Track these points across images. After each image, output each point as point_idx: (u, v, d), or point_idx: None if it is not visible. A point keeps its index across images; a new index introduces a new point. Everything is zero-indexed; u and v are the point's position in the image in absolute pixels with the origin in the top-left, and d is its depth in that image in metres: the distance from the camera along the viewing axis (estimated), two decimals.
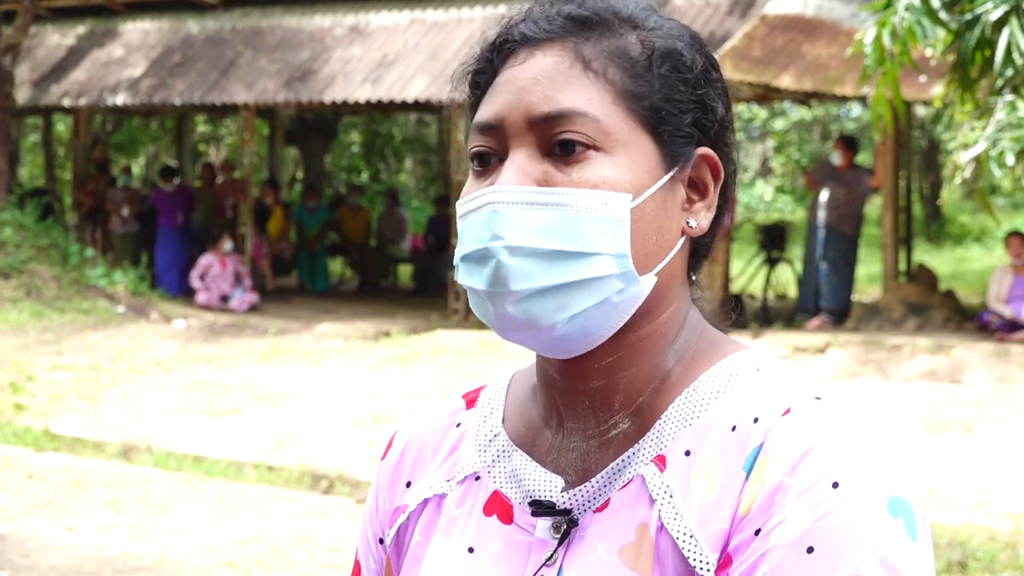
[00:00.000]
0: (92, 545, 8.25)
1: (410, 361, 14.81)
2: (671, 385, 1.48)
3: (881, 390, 12.63)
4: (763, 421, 1.39)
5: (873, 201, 20.85)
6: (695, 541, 1.37)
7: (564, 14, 1.47)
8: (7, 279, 18.95)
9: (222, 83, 20.60)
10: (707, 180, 1.50)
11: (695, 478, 1.40)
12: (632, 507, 1.43)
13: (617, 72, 1.45)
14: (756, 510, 1.34)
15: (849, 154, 16.69)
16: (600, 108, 1.43)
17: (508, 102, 1.45)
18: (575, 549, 1.46)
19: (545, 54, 1.46)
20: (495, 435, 1.59)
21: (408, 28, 19.91)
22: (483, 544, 1.53)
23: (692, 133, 1.48)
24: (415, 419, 1.71)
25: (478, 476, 1.58)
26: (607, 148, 1.42)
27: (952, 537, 7.85)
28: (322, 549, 8.15)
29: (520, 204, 1.41)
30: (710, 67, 1.51)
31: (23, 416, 11.75)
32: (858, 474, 1.33)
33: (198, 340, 16.73)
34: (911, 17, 6.42)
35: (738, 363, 1.48)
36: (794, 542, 1.31)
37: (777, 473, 1.34)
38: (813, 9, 16.77)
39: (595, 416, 1.49)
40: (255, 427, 11.45)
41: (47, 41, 23.30)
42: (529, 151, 1.44)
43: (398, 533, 1.64)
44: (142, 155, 37.98)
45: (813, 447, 1.34)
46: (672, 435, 1.44)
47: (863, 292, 20.02)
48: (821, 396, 1.39)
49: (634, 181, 1.42)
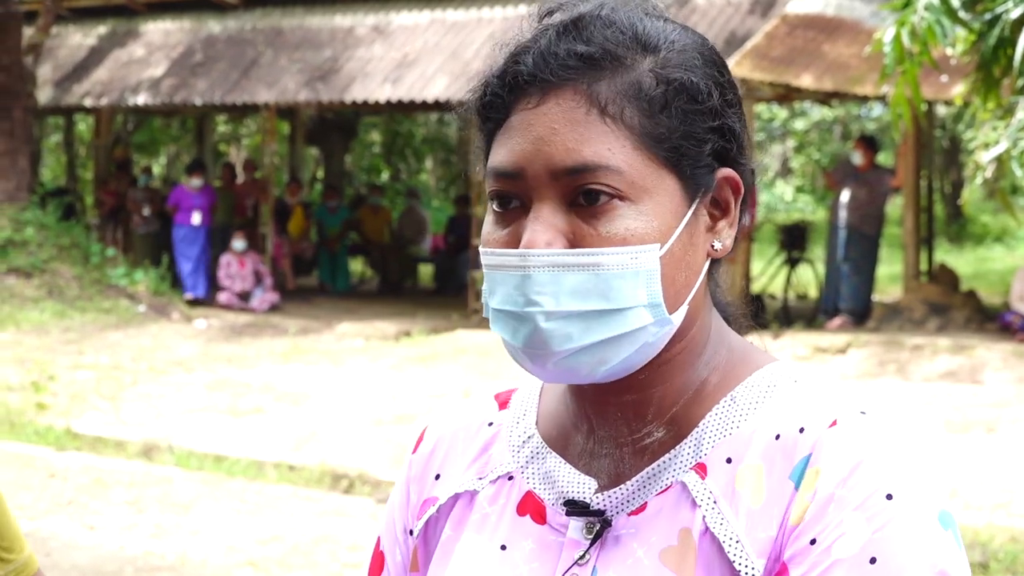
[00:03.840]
0: (113, 544, 8.28)
1: (430, 361, 14.82)
2: (706, 395, 1.50)
3: (902, 391, 12.60)
4: (809, 432, 1.41)
5: (894, 201, 20.79)
6: (741, 546, 1.39)
7: (575, 54, 1.43)
8: (29, 278, 19.01)
9: (243, 83, 20.64)
10: (728, 199, 1.50)
11: (740, 485, 1.43)
12: (673, 512, 1.45)
13: (635, 114, 1.42)
14: (809, 520, 1.37)
15: (869, 154, 16.67)
16: (622, 158, 1.41)
17: (526, 152, 1.43)
18: (609, 550, 1.47)
19: (559, 98, 1.42)
20: (529, 436, 1.61)
21: (428, 28, 19.92)
22: (516, 543, 1.54)
23: (712, 162, 1.47)
24: (446, 415, 1.73)
25: (511, 476, 1.60)
26: (632, 196, 1.41)
27: (974, 538, 7.83)
28: (342, 549, 8.16)
29: (552, 268, 1.40)
30: (725, 87, 1.49)
31: (45, 415, 11.79)
32: (910, 487, 1.37)
33: (219, 340, 16.76)
34: (930, 16, 6.41)
35: (775, 374, 1.50)
36: (856, 554, 1.34)
37: (829, 484, 1.37)
38: (834, 8, 16.73)
39: (627, 426, 1.51)
40: (276, 427, 11.46)
41: (69, 41, 23.36)
42: (553, 203, 1.42)
43: (427, 525, 1.65)
44: (163, 155, 38.05)
45: (863, 460, 1.37)
46: (711, 444, 1.46)
47: (884, 292, 19.97)
48: (865, 410, 1.42)
49: (661, 227, 1.42)
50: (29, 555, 2.26)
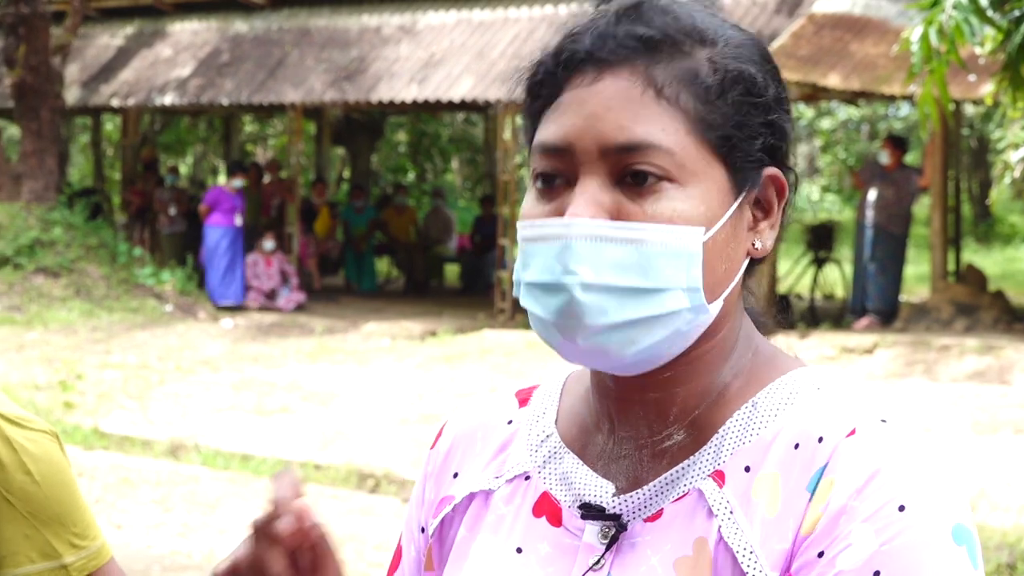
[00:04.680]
0: (141, 543, 8.31)
1: (456, 360, 14.83)
2: (728, 399, 1.47)
3: (929, 391, 12.56)
4: (828, 441, 1.38)
5: (921, 201, 20.72)
6: (755, 558, 1.36)
7: (634, 35, 1.42)
8: (57, 278, 19.09)
9: (270, 83, 20.69)
10: (772, 199, 1.49)
11: (756, 494, 1.40)
12: (688, 520, 1.42)
13: (689, 99, 1.41)
14: (820, 531, 1.34)
15: (897, 153, 16.61)
16: (674, 139, 1.40)
17: (578, 127, 1.41)
18: (624, 556, 1.45)
19: (615, 77, 1.41)
20: (547, 436, 1.58)
21: (455, 28, 19.94)
22: (531, 545, 1.52)
23: (762, 157, 1.46)
24: (466, 412, 1.70)
25: (528, 476, 1.57)
26: (680, 179, 1.40)
27: (1001, 539, 7.79)
28: (369, 548, 8.18)
29: (594, 239, 1.38)
30: (779, 86, 1.49)
31: (72, 414, 11.83)
32: (924, 499, 1.33)
33: (246, 339, 16.80)
34: (958, 15, 6.38)
35: (798, 380, 1.48)
36: (861, 567, 1.31)
37: (842, 495, 1.34)
38: (861, 7, 16.69)
39: (648, 427, 1.48)
40: (302, 426, 11.49)
41: (96, 42, 23.45)
42: (601, 179, 1.40)
43: (442, 524, 1.63)
44: (190, 155, 38.18)
45: (880, 470, 1.34)
46: (731, 451, 1.44)
47: (911, 292, 19.91)
48: (886, 419, 1.39)
49: (707, 212, 1.40)
50: (102, 544, 2.24)
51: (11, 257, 19.19)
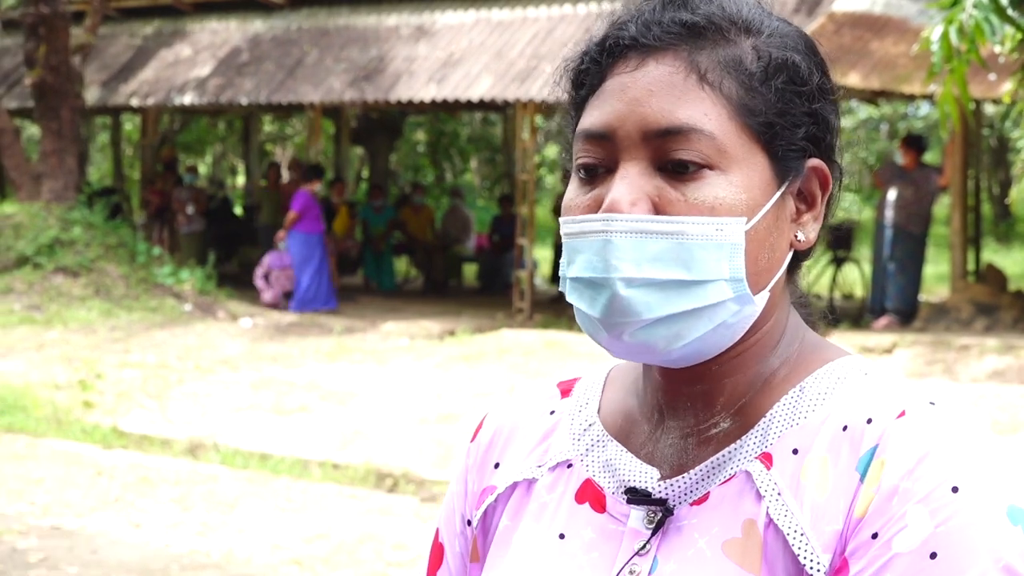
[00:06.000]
0: (159, 542, 8.32)
1: (475, 360, 14.83)
2: (775, 385, 1.48)
3: (949, 391, 12.53)
4: (877, 423, 1.38)
5: (941, 200, 20.65)
6: (806, 540, 1.36)
7: (678, 21, 1.43)
8: (76, 277, 19.13)
9: (289, 83, 20.71)
10: (815, 191, 1.49)
11: (805, 477, 1.40)
12: (736, 502, 1.43)
13: (733, 85, 1.42)
14: (872, 513, 1.34)
15: (913, 154, 16.53)
16: (716, 125, 1.40)
17: (620, 112, 1.42)
18: (671, 540, 1.45)
19: (659, 63, 1.42)
20: (590, 424, 1.59)
21: (473, 27, 19.93)
22: (574, 531, 1.52)
23: (805, 147, 1.46)
24: (508, 404, 1.71)
25: (570, 464, 1.58)
26: (722, 166, 1.40)
27: None
28: (387, 547, 8.18)
29: (634, 234, 1.38)
30: (825, 76, 1.49)
31: (92, 414, 11.86)
32: (977, 480, 1.33)
33: (264, 339, 16.82)
34: (979, 14, 6.37)
35: (846, 367, 1.48)
36: (917, 549, 1.31)
37: (894, 476, 1.34)
38: (881, 6, 16.66)
39: (696, 416, 1.49)
40: (321, 425, 11.49)
41: (116, 41, 23.50)
42: (642, 165, 1.41)
43: (485, 514, 1.64)
44: (209, 155, 38.26)
45: (930, 451, 1.34)
46: (778, 433, 1.44)
47: (931, 292, 19.86)
48: (935, 402, 1.39)
49: (748, 201, 1.41)
50: None
51: (31, 256, 19.24)
